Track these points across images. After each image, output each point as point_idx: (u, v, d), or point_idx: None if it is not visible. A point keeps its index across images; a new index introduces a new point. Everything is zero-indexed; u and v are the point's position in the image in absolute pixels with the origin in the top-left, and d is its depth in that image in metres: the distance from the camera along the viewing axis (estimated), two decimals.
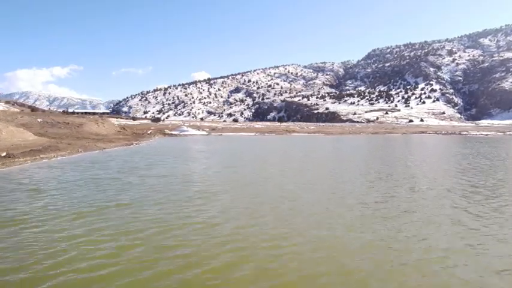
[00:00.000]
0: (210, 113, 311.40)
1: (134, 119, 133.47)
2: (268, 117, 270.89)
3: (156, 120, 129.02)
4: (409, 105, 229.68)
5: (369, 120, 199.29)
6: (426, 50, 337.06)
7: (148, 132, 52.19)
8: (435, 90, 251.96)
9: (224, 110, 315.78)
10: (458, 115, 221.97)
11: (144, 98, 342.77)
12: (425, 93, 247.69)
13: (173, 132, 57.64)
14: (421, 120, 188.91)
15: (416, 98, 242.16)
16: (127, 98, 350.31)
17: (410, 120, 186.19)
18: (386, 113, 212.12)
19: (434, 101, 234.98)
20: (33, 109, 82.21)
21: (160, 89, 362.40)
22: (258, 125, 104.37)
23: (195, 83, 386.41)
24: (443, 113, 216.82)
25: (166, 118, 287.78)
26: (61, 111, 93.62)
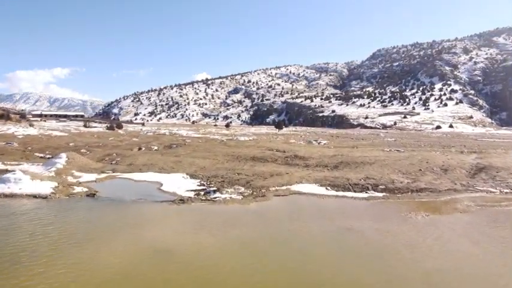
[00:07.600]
0: (205, 115, 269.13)
1: (86, 125, 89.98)
2: (268, 119, 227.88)
3: (114, 127, 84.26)
4: (428, 108, 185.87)
5: (385, 126, 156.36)
6: (437, 49, 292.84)
7: None
8: (456, 91, 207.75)
9: (220, 112, 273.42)
10: (489, 120, 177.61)
11: (137, 99, 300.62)
12: (445, 94, 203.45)
13: None
14: (450, 126, 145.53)
15: (436, 99, 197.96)
16: (119, 98, 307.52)
17: (438, 126, 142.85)
18: (405, 117, 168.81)
19: (457, 103, 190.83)
20: None
21: (155, 90, 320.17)
22: (244, 137, 61.94)
23: (192, 83, 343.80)
24: (471, 117, 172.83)
25: (158, 120, 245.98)
26: None
